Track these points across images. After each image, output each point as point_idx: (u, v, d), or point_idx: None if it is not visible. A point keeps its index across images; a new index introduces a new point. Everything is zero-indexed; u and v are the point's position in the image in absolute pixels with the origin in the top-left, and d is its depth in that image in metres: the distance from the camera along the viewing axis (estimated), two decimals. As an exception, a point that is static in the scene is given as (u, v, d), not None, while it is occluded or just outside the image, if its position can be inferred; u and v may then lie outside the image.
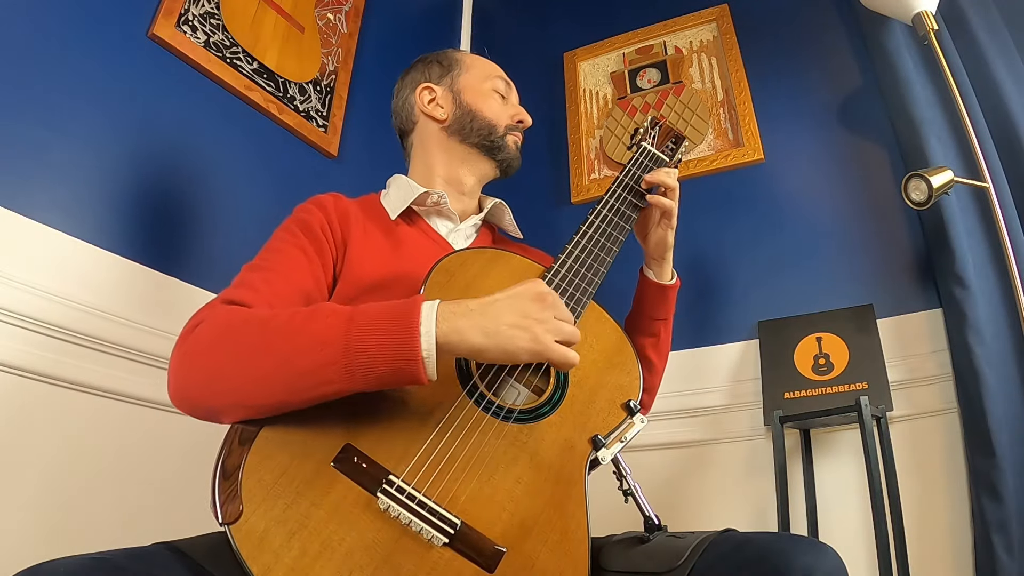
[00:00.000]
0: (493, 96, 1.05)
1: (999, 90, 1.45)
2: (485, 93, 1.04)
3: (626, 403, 0.78)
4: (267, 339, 0.66)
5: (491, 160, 1.04)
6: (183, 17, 1.35)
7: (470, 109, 1.03)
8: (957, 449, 1.32)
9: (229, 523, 0.58)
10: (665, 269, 1.01)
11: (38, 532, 0.95)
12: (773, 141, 1.75)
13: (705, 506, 1.49)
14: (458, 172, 1.03)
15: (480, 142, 1.03)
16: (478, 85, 1.05)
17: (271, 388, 0.64)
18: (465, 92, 1.04)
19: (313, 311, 0.68)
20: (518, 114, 1.06)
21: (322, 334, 0.64)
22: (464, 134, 1.03)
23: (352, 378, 0.62)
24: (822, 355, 1.46)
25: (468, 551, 0.64)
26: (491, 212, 1.06)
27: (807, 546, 0.61)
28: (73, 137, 1.12)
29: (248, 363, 0.65)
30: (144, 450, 1.10)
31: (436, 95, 1.05)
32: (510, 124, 1.04)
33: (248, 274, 0.80)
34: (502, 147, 1.03)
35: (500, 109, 1.04)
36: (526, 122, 1.06)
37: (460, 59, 1.08)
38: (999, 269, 1.35)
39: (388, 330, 0.63)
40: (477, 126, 1.02)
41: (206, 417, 0.68)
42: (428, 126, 1.05)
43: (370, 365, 0.62)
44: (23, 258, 1.00)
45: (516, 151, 1.06)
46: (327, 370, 0.63)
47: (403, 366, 0.62)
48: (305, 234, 0.87)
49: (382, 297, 0.85)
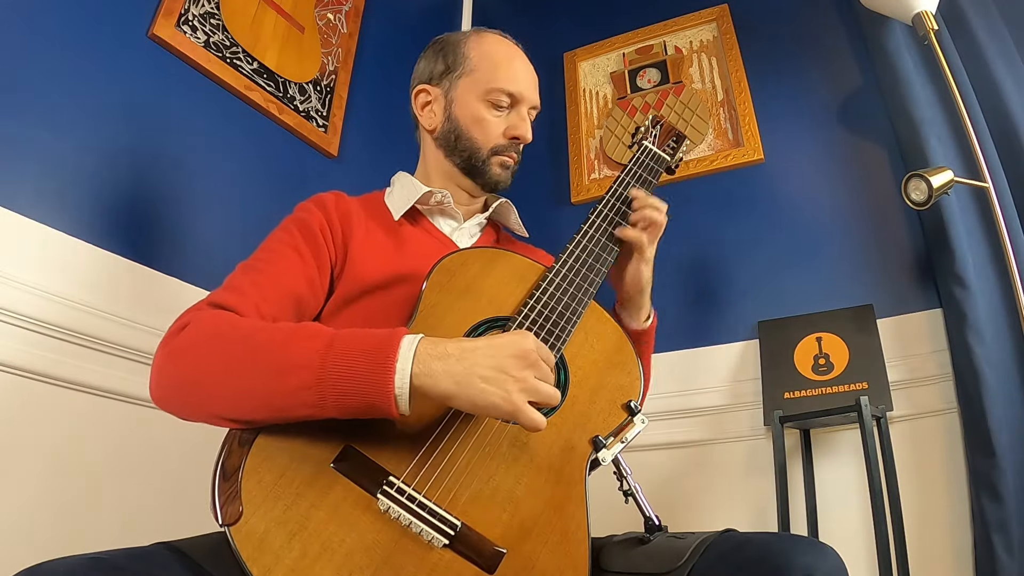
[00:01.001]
0: (488, 112, 0.95)
1: (999, 90, 1.45)
2: (477, 112, 0.95)
3: (627, 403, 0.78)
4: (247, 354, 0.66)
5: (472, 181, 0.98)
6: (183, 17, 1.35)
7: (457, 126, 0.96)
8: (957, 449, 1.32)
9: (229, 524, 0.58)
10: (640, 310, 0.94)
11: (38, 532, 0.95)
12: (773, 141, 1.75)
13: (705, 506, 1.49)
14: (451, 181, 1.00)
15: (461, 163, 0.97)
16: (473, 101, 0.95)
17: (247, 404, 0.64)
18: (457, 104, 0.96)
19: (295, 331, 0.67)
20: (512, 129, 0.96)
21: (299, 357, 0.63)
22: (448, 150, 0.98)
23: (324, 405, 0.62)
24: (822, 355, 1.46)
25: (468, 552, 0.64)
26: (497, 211, 1.04)
27: (807, 546, 0.61)
28: (73, 137, 1.12)
29: (226, 377, 0.65)
30: (144, 450, 1.10)
31: (431, 99, 0.99)
32: (499, 144, 0.96)
33: (239, 276, 0.80)
34: (483, 172, 0.96)
35: (491, 128, 0.95)
36: (522, 139, 0.97)
37: (467, 55, 0.97)
38: (999, 269, 1.35)
39: (363, 362, 0.62)
40: (461, 146, 0.96)
41: (187, 420, 0.69)
42: (423, 133, 1.02)
43: (341, 396, 0.61)
44: (23, 258, 1.00)
45: (502, 174, 0.98)
46: (301, 394, 0.62)
47: (374, 401, 0.61)
48: (303, 234, 0.86)
49: (384, 297, 0.85)
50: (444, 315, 0.77)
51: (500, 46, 0.99)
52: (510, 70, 0.97)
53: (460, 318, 0.77)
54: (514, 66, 0.97)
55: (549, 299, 0.80)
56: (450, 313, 0.77)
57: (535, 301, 0.79)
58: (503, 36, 1.01)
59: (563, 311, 0.80)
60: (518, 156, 0.99)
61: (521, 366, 0.65)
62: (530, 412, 0.64)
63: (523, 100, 0.97)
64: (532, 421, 0.64)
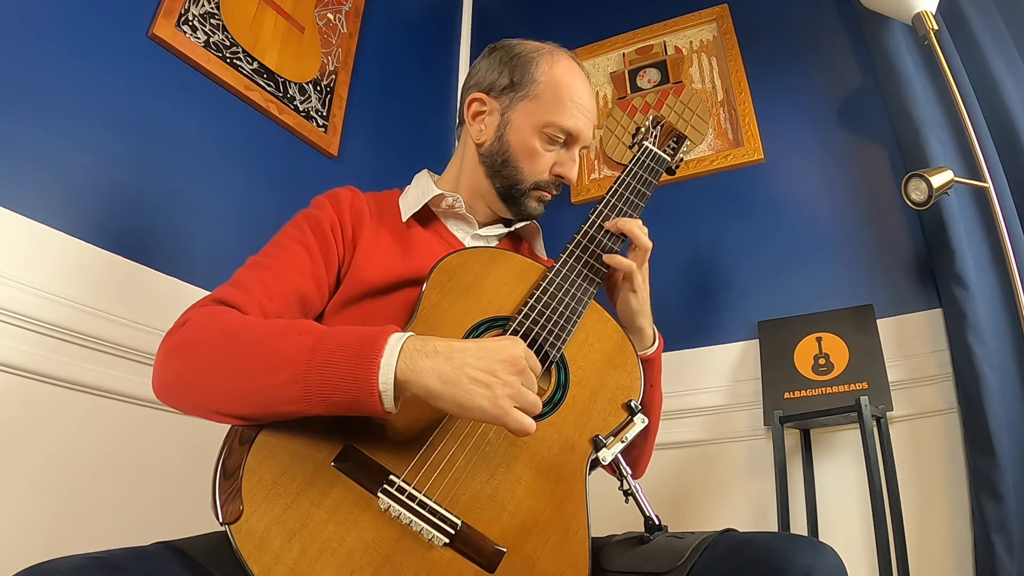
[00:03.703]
0: (541, 146, 0.92)
1: (999, 90, 1.45)
2: (531, 142, 0.92)
3: (627, 403, 0.78)
4: (239, 350, 0.66)
5: (505, 206, 0.96)
6: (183, 17, 1.35)
7: (506, 151, 0.93)
8: (957, 449, 1.32)
9: (229, 523, 0.58)
10: (641, 337, 0.90)
11: (38, 531, 0.95)
12: (773, 141, 1.75)
13: (705, 506, 1.49)
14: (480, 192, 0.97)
15: (500, 187, 0.94)
16: (529, 129, 0.92)
17: (239, 399, 0.64)
18: (512, 128, 0.92)
19: (286, 327, 0.67)
20: (560, 167, 0.93)
21: (288, 352, 0.63)
22: (491, 171, 0.94)
23: (310, 400, 0.62)
24: (822, 355, 1.46)
25: (469, 551, 0.64)
26: (524, 229, 1.00)
27: (807, 546, 0.61)
28: (72, 137, 1.12)
29: (219, 372, 0.66)
30: (144, 450, 1.10)
31: (485, 110, 0.95)
32: (543, 180, 0.93)
33: (246, 272, 0.80)
34: (519, 203, 0.94)
35: (540, 163, 0.92)
36: (567, 178, 0.94)
37: (535, 79, 0.92)
38: (999, 269, 1.35)
39: (349, 358, 0.62)
40: (506, 172, 0.93)
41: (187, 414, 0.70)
42: (468, 137, 0.98)
43: (327, 391, 0.61)
44: (23, 258, 1.00)
45: (537, 208, 0.96)
46: (287, 390, 0.62)
47: (359, 397, 0.61)
48: (314, 231, 0.86)
49: (386, 300, 0.85)
50: (445, 315, 0.77)
51: (570, 76, 0.94)
52: (575, 107, 0.92)
53: (460, 318, 0.77)
54: (580, 104, 0.93)
55: (550, 299, 0.80)
56: (450, 313, 0.77)
57: (535, 301, 0.79)
58: (574, 61, 0.97)
59: (564, 311, 0.80)
60: (557, 192, 0.97)
61: (509, 371, 0.64)
62: (517, 415, 0.63)
63: (579, 140, 0.94)
64: (520, 424, 0.63)
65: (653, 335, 0.92)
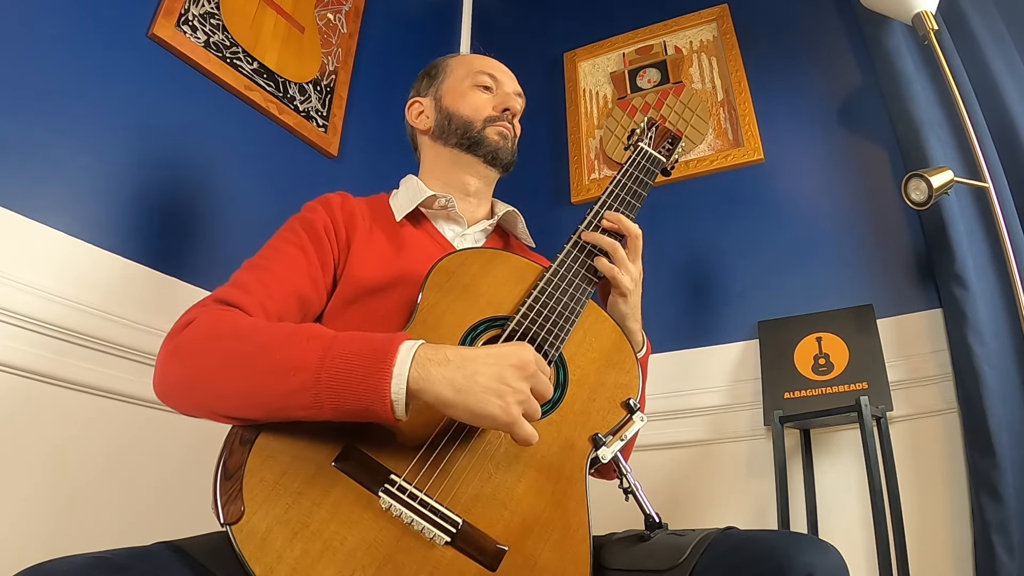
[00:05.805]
0: (473, 92, 1.01)
1: (999, 90, 1.45)
2: (463, 92, 1.02)
3: (626, 401, 0.78)
4: (247, 353, 0.66)
5: (475, 156, 1.00)
6: (183, 17, 1.35)
7: (448, 111, 1.01)
8: (957, 449, 1.32)
9: (231, 523, 0.58)
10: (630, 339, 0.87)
11: (39, 532, 0.95)
12: (773, 141, 1.75)
13: (705, 506, 1.49)
14: (454, 176, 1.01)
15: (459, 141, 1.00)
16: (457, 86, 1.03)
17: (245, 403, 0.64)
18: (445, 96, 1.03)
19: (294, 331, 0.67)
20: (502, 103, 1.01)
21: (297, 358, 0.63)
22: (445, 137, 1.01)
23: (321, 408, 0.62)
24: (822, 355, 1.46)
25: (470, 550, 0.64)
26: (504, 219, 1.03)
27: (809, 544, 0.61)
28: (73, 137, 1.12)
29: (225, 375, 0.66)
30: (145, 450, 1.10)
31: (423, 106, 1.05)
32: (491, 115, 1.00)
33: (244, 273, 0.81)
34: (481, 141, 0.99)
35: (480, 103, 1.01)
36: (512, 109, 1.02)
37: (447, 65, 1.06)
38: (999, 269, 1.35)
39: (361, 365, 0.62)
40: (455, 125, 1.00)
41: (188, 415, 0.70)
42: (421, 138, 1.06)
43: (338, 399, 0.61)
44: (24, 258, 1.00)
45: (501, 142, 1.00)
46: (298, 395, 0.62)
47: (370, 405, 0.61)
48: (308, 233, 0.87)
49: (382, 299, 0.85)
50: (443, 315, 0.77)
51: (476, 55, 1.08)
52: (487, 61, 1.06)
53: (459, 318, 0.77)
54: (490, 60, 1.06)
55: (548, 298, 0.80)
56: (449, 313, 0.77)
57: (533, 300, 0.79)
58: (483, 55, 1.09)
59: (562, 310, 0.80)
60: (514, 129, 1.03)
61: (520, 376, 0.64)
62: (525, 426, 0.64)
63: (505, 82, 1.04)
64: (526, 435, 0.64)
65: (642, 339, 0.93)
